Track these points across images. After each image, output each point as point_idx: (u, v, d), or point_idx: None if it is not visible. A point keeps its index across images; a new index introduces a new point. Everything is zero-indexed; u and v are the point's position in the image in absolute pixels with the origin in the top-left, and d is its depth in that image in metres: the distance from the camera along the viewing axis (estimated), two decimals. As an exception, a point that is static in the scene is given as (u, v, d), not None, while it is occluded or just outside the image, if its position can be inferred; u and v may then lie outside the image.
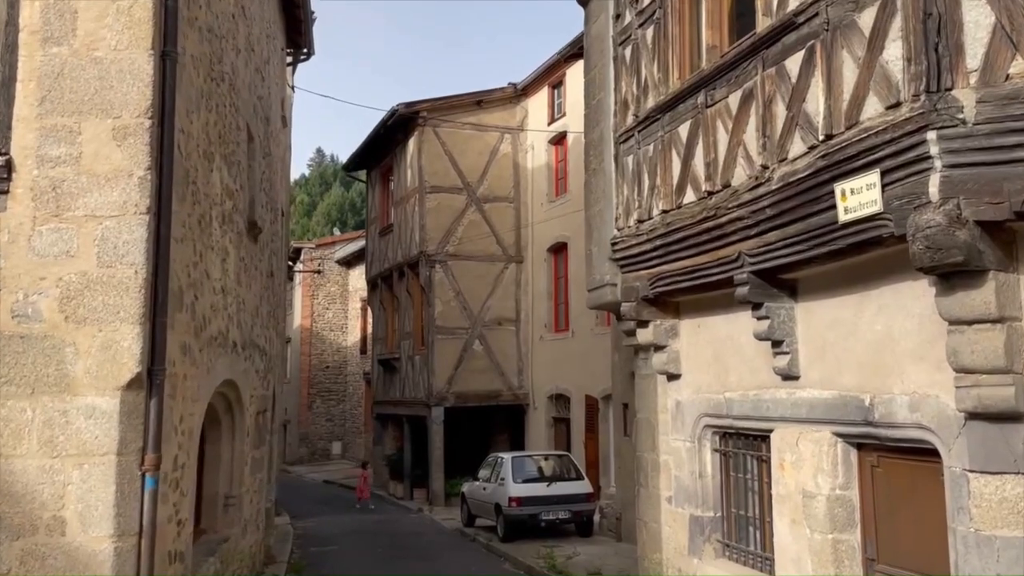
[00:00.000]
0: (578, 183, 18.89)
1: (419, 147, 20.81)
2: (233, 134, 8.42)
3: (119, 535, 4.90)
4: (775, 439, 6.72)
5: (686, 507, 8.05)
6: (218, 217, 7.48)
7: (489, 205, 21.12)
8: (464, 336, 20.52)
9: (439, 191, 20.73)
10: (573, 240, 18.94)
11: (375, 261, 24.69)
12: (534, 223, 20.91)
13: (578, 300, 18.50)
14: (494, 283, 20.92)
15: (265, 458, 11.07)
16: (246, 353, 8.98)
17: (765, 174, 6.06)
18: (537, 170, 20.98)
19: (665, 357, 8.23)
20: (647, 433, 8.83)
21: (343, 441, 35.92)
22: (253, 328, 9.60)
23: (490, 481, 15.24)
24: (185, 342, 6.11)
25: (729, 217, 6.51)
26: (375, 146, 23.31)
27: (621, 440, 13.71)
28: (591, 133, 9.15)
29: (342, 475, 29.75)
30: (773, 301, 6.47)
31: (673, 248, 7.40)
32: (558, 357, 19.41)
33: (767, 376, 6.82)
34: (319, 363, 36.16)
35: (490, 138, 21.29)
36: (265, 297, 11.05)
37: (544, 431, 19.92)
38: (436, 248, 20.54)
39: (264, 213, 11.00)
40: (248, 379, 9.10)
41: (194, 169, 6.45)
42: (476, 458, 20.87)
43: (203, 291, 6.76)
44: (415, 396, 21.09)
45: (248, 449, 9.26)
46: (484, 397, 20.58)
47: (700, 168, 6.98)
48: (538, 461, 15.39)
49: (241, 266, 8.79)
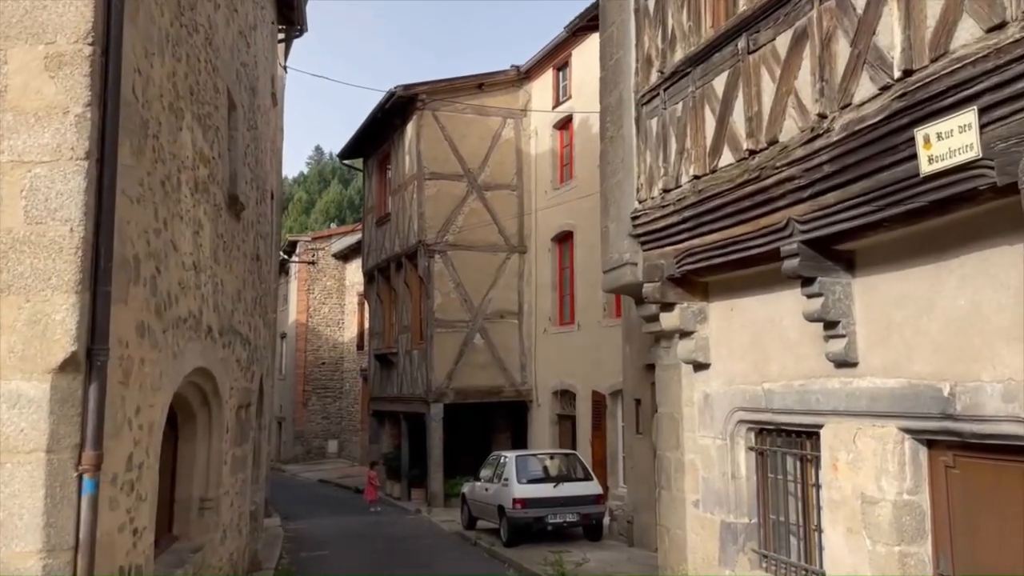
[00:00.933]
0: (584, 169, 18.02)
1: (418, 132, 19.90)
2: (210, 95, 7.53)
3: (49, 550, 4.00)
4: (826, 436, 5.84)
5: (716, 512, 7.17)
6: (189, 183, 6.58)
7: (491, 193, 20.22)
8: (464, 330, 19.62)
9: (439, 178, 19.82)
10: (579, 228, 18.05)
11: (372, 252, 23.78)
12: (537, 211, 20.01)
13: (584, 292, 17.61)
14: (496, 274, 20.02)
15: (249, 456, 10.18)
16: (225, 340, 8.09)
17: (823, 124, 5.17)
18: (541, 156, 20.08)
19: (692, 344, 7.34)
20: (670, 430, 7.93)
21: (339, 439, 35.02)
22: (234, 313, 8.71)
23: (492, 481, 14.32)
24: (143, 321, 5.22)
25: (776, 179, 5.62)
26: (372, 132, 22.40)
27: (633, 438, 12.83)
28: (608, 97, 8.26)
29: (338, 474, 28.88)
30: (827, 276, 5.58)
31: (705, 219, 6.52)
32: (563, 351, 18.52)
33: (816, 363, 5.93)
34: (315, 359, 35.26)
35: (492, 123, 20.39)
36: (250, 282, 10.16)
37: (548, 429, 19.03)
38: (435, 237, 19.64)
39: (249, 191, 10.12)
40: (227, 369, 8.21)
41: (156, 121, 5.55)
42: (477, 457, 19.98)
43: (168, 264, 5.87)
44: (413, 392, 20.19)
45: (228, 447, 8.37)
46: (485, 393, 19.68)
47: (740, 125, 6.09)
48: (544, 460, 14.47)
49: (219, 243, 7.89)
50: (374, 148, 23.38)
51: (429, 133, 19.86)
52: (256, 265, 10.83)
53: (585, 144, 17.99)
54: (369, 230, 24.19)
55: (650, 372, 12.30)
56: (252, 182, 10.44)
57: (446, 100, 19.96)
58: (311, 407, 35.11)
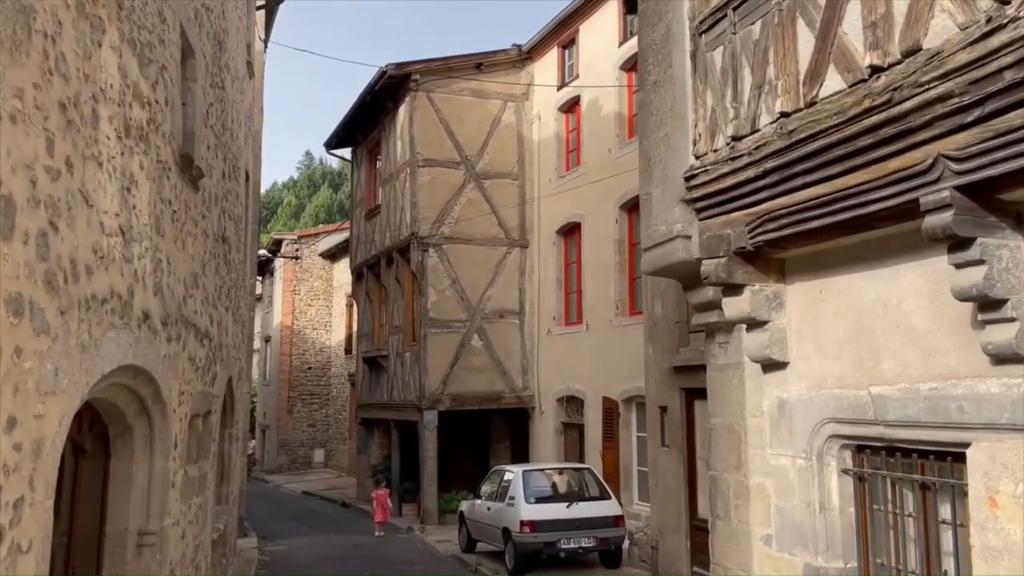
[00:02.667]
0: (594, 154, 16.44)
1: (411, 114, 18.29)
2: (152, 21, 5.91)
3: None
4: (979, 458, 4.26)
5: (797, 552, 5.58)
6: (115, 122, 4.96)
7: (490, 182, 18.63)
8: (461, 330, 18.00)
9: (434, 164, 18.22)
10: (588, 219, 16.48)
11: (360, 248, 22.14)
12: (541, 202, 18.43)
13: (594, 288, 16.03)
14: (495, 270, 18.42)
15: (211, 474, 8.53)
16: (172, 332, 6.45)
17: (1005, 12, 3.60)
18: (544, 142, 18.50)
19: (765, 338, 5.75)
20: (729, 446, 6.34)
21: (326, 448, 33.29)
22: (187, 301, 7.07)
23: (495, 499, 12.68)
24: (20, 294, 3.59)
25: (917, 100, 4.04)
26: (362, 117, 20.78)
27: (658, 450, 11.24)
28: (650, 33, 6.67)
29: (324, 485, 27.18)
30: (990, 236, 4.00)
31: (796, 169, 4.94)
32: (569, 354, 16.92)
33: (960, 360, 4.36)
34: (300, 364, 33.54)
35: (491, 106, 18.81)
36: (213, 267, 8.54)
37: (552, 439, 17.41)
38: (430, 230, 18.02)
39: (213, 160, 8.51)
40: (175, 369, 6.57)
41: (51, 18, 3.94)
42: (473, 469, 18.37)
43: (75, 222, 4.25)
44: (405, 398, 18.55)
45: (177, 465, 6.73)
46: (483, 399, 18.06)
47: (855, 36, 4.52)
48: (554, 476, 12.81)
49: (165, 211, 6.27)
50: (364, 135, 21.76)
51: (423, 116, 18.26)
52: (222, 248, 9.20)
53: (595, 126, 16.44)
54: (358, 224, 22.55)
55: (679, 375, 10.72)
56: (217, 150, 8.83)
57: (442, 81, 18.38)
58: (296, 414, 33.37)
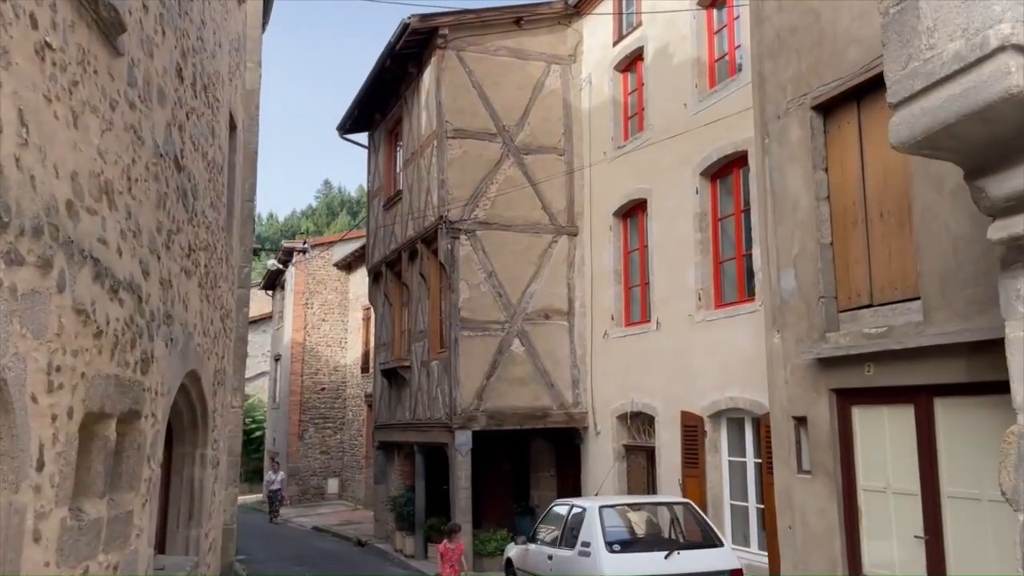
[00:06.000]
0: (664, 114, 13.41)
1: (438, 77, 15.39)
2: None
3: None
4: None
5: None
6: None
7: (531, 157, 15.65)
8: (499, 333, 14.93)
9: (465, 136, 15.27)
10: (656, 194, 13.43)
11: (378, 245, 19.17)
12: (593, 180, 15.42)
13: (666, 277, 12.95)
14: (539, 261, 15.38)
15: (146, 516, 5.46)
16: (27, 248, 3.44)
17: None
18: (597, 110, 15.52)
19: None
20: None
21: (340, 478, 30.11)
22: (78, 213, 4.07)
23: (559, 545, 9.48)
24: None
25: None
26: (380, 91, 17.92)
27: (791, 479, 8.06)
28: None
29: (337, 520, 24.02)
30: None
31: None
32: (633, 360, 13.79)
33: None
34: (313, 384, 30.50)
35: (533, 69, 15.90)
36: (154, 194, 5.55)
37: (611, 465, 14.22)
38: (461, 213, 15.03)
39: (156, 34, 5.56)
40: (32, 320, 3.54)
41: None
42: (509, 504, 15.31)
43: None
44: (432, 416, 15.44)
45: (48, 501, 3.68)
46: (526, 417, 14.92)
47: None
48: (642, 514, 9.61)
49: (47, 55, 3.31)
50: (382, 114, 18.88)
51: (453, 79, 15.36)
52: (176, 178, 6.22)
53: (665, 80, 13.45)
54: (375, 218, 19.60)
55: (827, 372, 7.58)
56: (166, 26, 5.89)
57: (475, 37, 15.50)
58: (308, 440, 30.27)
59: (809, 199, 8.00)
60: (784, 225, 8.29)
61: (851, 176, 7.72)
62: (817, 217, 7.91)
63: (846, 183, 7.77)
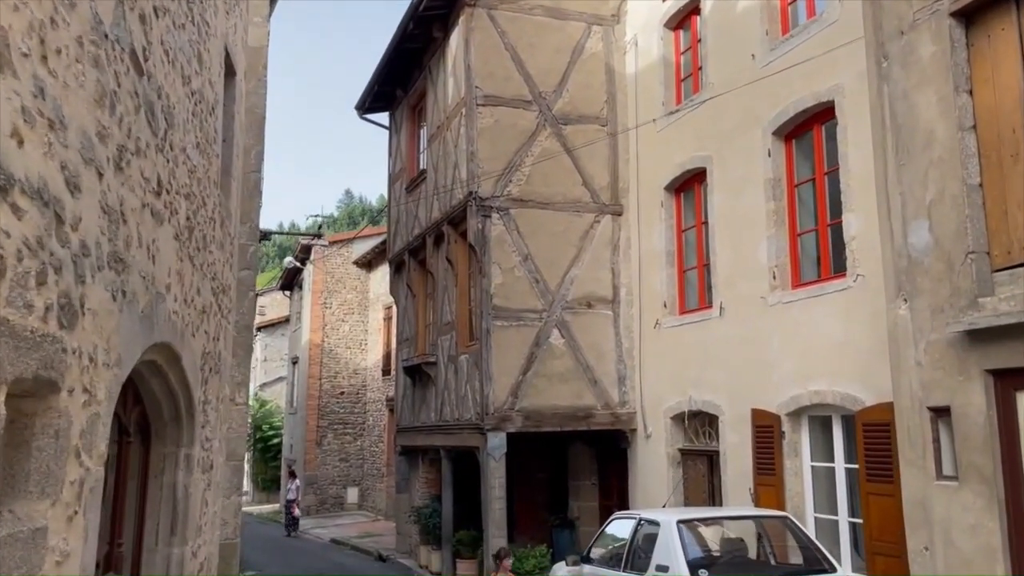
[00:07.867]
0: (725, 68, 11.64)
1: (467, 38, 13.83)
2: None
3: None
4: None
5: None
6: None
7: (571, 127, 14.02)
8: (536, 323, 13.28)
9: (497, 103, 13.67)
10: (718, 160, 11.76)
11: (400, 232, 17.61)
12: (640, 152, 13.77)
13: (730, 256, 11.28)
14: (580, 244, 13.73)
15: (58, 527, 3.84)
16: None
17: None
18: (644, 73, 13.88)
19: None
20: None
21: (360, 487, 28.53)
22: None
23: (623, 567, 7.73)
24: None
25: None
26: (401, 62, 16.39)
27: (928, 487, 6.33)
28: None
29: (357, 531, 22.43)
30: None
31: None
32: (691, 352, 12.08)
33: None
34: (331, 388, 28.99)
35: (572, 30, 14.29)
36: (106, 106, 3.98)
37: (665, 472, 12.49)
38: (493, 189, 13.42)
39: None
40: None
41: None
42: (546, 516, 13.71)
43: None
44: (460, 417, 13.81)
45: None
46: (567, 418, 13.24)
47: None
48: (728, 531, 7.89)
49: None
50: (404, 89, 17.35)
51: (483, 40, 13.78)
52: (118, 62, 4.64)
53: (727, 31, 11.78)
54: (396, 202, 18.05)
55: (980, 349, 5.85)
56: None
57: (507, -6, 13.95)
58: (326, 447, 28.73)
59: (948, 130, 6.31)
60: (913, 166, 6.59)
61: (1008, 98, 6.02)
62: (962, 152, 6.21)
63: (1000, 107, 6.07)
